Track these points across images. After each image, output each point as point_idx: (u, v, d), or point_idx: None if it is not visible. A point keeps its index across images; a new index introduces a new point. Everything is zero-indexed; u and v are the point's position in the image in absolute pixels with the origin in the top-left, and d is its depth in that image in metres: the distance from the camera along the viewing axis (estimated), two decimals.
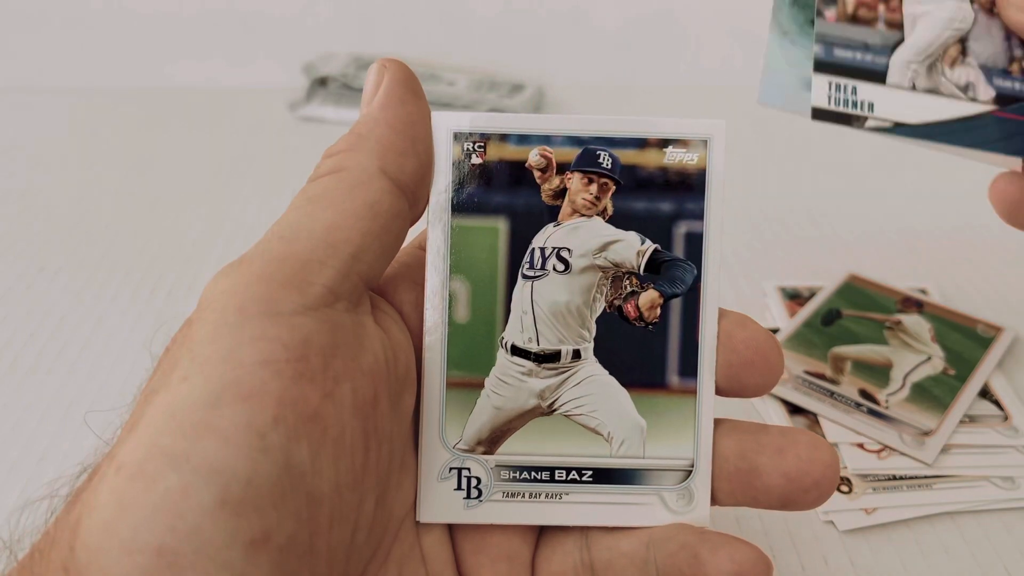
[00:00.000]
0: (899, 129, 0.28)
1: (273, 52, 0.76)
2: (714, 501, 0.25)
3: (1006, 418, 0.40)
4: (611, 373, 0.25)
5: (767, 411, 0.40)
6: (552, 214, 0.25)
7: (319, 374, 0.20)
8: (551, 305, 0.25)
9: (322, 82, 0.72)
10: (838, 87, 0.28)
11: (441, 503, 0.24)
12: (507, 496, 0.25)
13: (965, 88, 0.28)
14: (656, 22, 0.78)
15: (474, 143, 0.24)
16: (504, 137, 0.25)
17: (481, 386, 0.25)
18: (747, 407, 0.40)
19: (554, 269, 0.25)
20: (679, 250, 0.25)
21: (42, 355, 0.44)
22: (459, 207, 0.25)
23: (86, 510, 0.19)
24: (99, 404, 0.40)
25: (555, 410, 0.25)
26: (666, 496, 0.25)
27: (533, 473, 0.25)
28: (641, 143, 0.25)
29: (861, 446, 0.38)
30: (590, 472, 0.25)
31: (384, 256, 0.23)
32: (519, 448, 0.25)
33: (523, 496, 0.25)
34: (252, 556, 0.18)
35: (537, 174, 0.25)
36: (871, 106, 0.28)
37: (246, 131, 0.69)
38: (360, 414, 0.21)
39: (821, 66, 0.28)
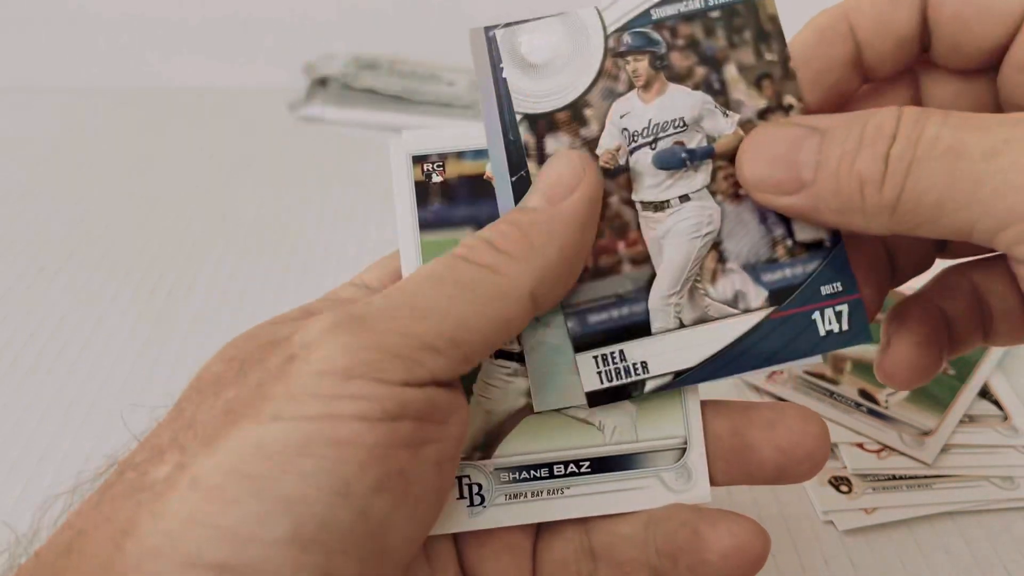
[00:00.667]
0: (682, 379, 0.24)
1: (273, 52, 0.76)
2: (711, 481, 0.25)
3: (1006, 418, 0.40)
4: None
5: None
6: None
7: (411, 435, 0.20)
8: None
9: (322, 82, 0.72)
10: (604, 359, 0.24)
11: (446, 513, 0.24)
12: (509, 498, 0.25)
13: (735, 300, 0.24)
14: None
15: (433, 163, 0.25)
16: (461, 154, 0.25)
17: (470, 393, 0.25)
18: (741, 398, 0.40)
19: None
20: None
21: (42, 355, 0.44)
22: (426, 224, 0.25)
23: (147, 513, 0.19)
24: (99, 404, 0.40)
25: None
26: (665, 476, 0.25)
27: (532, 471, 0.25)
28: None
29: (861, 446, 0.38)
30: (587, 463, 0.25)
31: (489, 353, 0.23)
32: (515, 448, 0.25)
33: (525, 496, 0.25)
34: None
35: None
36: (644, 366, 0.24)
37: (246, 131, 0.69)
38: (439, 472, 0.21)
39: (581, 344, 0.24)
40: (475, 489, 0.25)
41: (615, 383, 0.24)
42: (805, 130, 0.23)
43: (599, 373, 0.24)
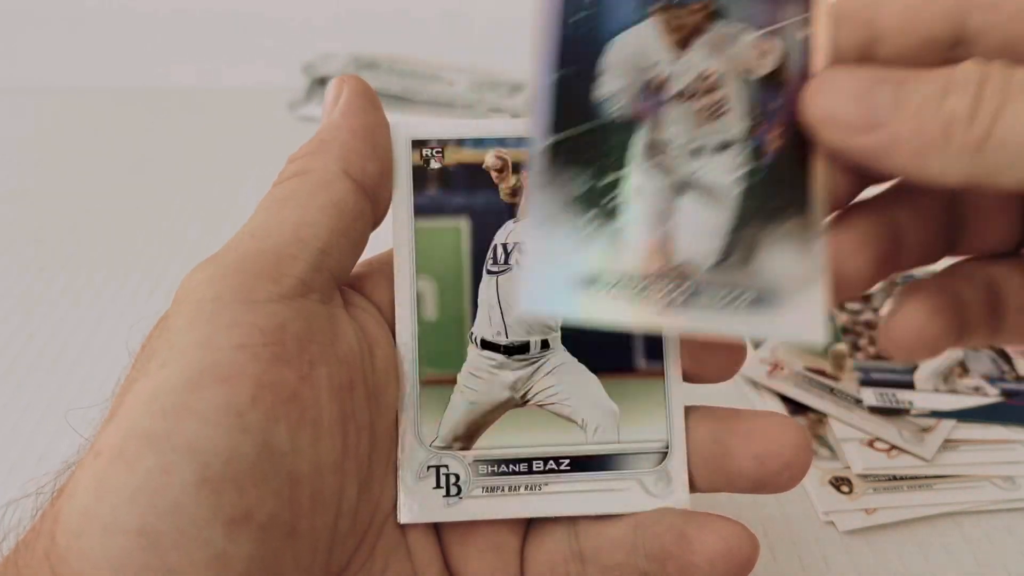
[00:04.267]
0: (936, 414, 0.39)
1: (273, 52, 0.76)
2: (693, 487, 0.25)
3: None
4: (580, 360, 0.25)
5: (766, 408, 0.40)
6: (511, 211, 0.26)
7: (295, 357, 0.21)
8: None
9: (322, 82, 0.72)
10: (881, 395, 0.40)
11: (421, 503, 0.24)
12: (487, 491, 0.25)
13: (976, 389, 0.40)
14: None
15: (432, 149, 0.26)
16: (461, 142, 0.26)
17: (454, 382, 0.25)
18: (744, 403, 0.40)
19: (517, 263, 0.25)
20: None
21: (41, 355, 0.44)
22: (421, 210, 0.25)
23: (66, 498, 0.19)
24: (99, 404, 0.40)
25: (528, 401, 0.25)
26: (645, 480, 0.25)
27: (511, 466, 0.25)
28: None
29: (872, 444, 0.38)
30: (567, 460, 0.25)
31: (351, 253, 0.24)
32: (496, 441, 0.25)
33: (503, 490, 0.25)
34: (233, 534, 0.19)
35: (494, 174, 0.26)
36: (911, 403, 0.39)
37: (246, 131, 0.69)
38: (337, 398, 0.21)
39: (866, 383, 0.41)
40: (452, 479, 0.25)
41: (890, 406, 0.40)
42: (877, 78, 0.21)
43: (878, 396, 0.40)
